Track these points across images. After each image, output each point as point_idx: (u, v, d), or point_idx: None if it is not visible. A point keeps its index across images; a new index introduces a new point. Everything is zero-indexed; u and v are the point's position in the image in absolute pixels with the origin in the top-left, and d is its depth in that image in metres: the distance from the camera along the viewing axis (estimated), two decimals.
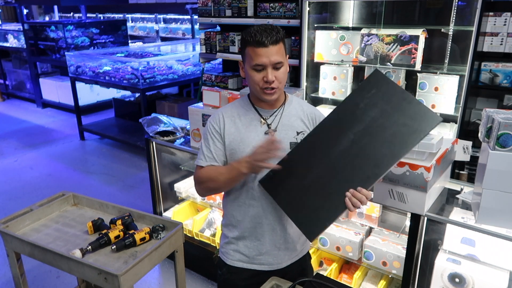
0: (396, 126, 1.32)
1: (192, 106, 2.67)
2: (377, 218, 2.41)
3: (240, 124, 1.52)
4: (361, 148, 1.35)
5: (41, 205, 2.18)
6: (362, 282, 2.46)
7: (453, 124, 2.74)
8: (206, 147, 1.55)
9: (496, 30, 2.49)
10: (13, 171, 4.95)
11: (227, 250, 1.64)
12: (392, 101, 1.35)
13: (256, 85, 1.43)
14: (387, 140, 1.32)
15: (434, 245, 2.08)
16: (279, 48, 1.40)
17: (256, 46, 1.37)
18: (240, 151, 1.49)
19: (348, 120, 1.39)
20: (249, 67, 1.43)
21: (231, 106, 1.58)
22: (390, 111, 1.34)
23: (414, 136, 1.30)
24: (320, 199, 1.39)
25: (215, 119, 1.55)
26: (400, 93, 1.36)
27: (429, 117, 1.31)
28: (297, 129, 1.52)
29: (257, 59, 1.38)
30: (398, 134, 1.31)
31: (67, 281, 2.93)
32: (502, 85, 2.59)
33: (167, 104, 5.58)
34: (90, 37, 7.29)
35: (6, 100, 8.69)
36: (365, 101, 1.38)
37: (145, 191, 4.17)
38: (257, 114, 1.53)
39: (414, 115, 1.31)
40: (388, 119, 1.33)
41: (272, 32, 1.38)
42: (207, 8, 3.66)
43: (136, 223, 2.03)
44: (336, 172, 1.38)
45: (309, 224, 1.41)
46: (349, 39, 2.99)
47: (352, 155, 1.36)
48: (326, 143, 1.41)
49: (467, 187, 2.05)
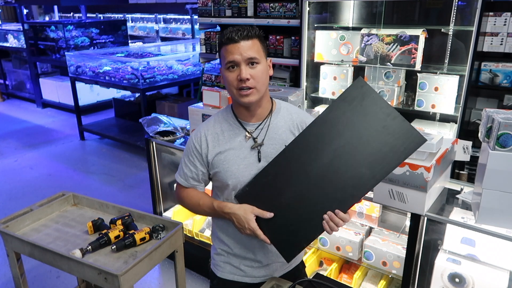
0: (378, 144, 1.23)
1: (192, 106, 2.67)
2: (377, 218, 2.41)
3: (224, 141, 1.41)
4: (341, 166, 1.26)
5: (41, 205, 2.18)
6: (362, 282, 2.46)
7: (453, 124, 2.74)
8: (186, 165, 1.48)
9: (496, 30, 2.49)
10: (13, 171, 4.95)
11: (218, 262, 1.58)
12: (376, 116, 1.24)
13: (231, 87, 1.33)
14: (368, 159, 1.24)
15: (434, 245, 2.08)
16: (253, 44, 1.30)
17: (227, 43, 1.30)
18: (224, 170, 1.40)
19: (329, 134, 1.28)
20: (224, 69, 1.34)
21: (213, 121, 1.46)
22: (372, 127, 1.24)
23: (396, 156, 1.22)
24: (297, 219, 1.32)
25: (197, 138, 1.44)
26: (384, 108, 1.24)
27: (413, 137, 1.21)
28: (285, 142, 1.38)
29: (228, 56, 1.30)
30: (380, 154, 1.23)
31: (67, 281, 2.93)
32: (502, 85, 2.59)
33: (167, 104, 5.58)
34: (90, 37, 7.29)
35: (6, 100, 8.69)
36: (347, 114, 1.27)
37: (145, 191, 4.17)
38: (242, 128, 1.41)
39: (398, 133, 1.22)
40: (370, 136, 1.24)
41: (244, 29, 1.30)
42: (207, 8, 3.66)
43: (136, 223, 2.03)
44: (314, 191, 1.30)
45: (286, 244, 1.36)
46: (349, 39, 3.00)
47: (331, 173, 1.28)
48: (305, 158, 1.30)
49: (467, 187, 2.05)
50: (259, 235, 1.35)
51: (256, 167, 1.39)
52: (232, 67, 1.31)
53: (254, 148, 1.40)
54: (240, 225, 1.37)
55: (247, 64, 1.30)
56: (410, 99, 2.93)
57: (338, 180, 1.27)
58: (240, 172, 1.39)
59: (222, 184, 1.44)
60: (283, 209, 1.34)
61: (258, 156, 1.39)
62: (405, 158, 1.23)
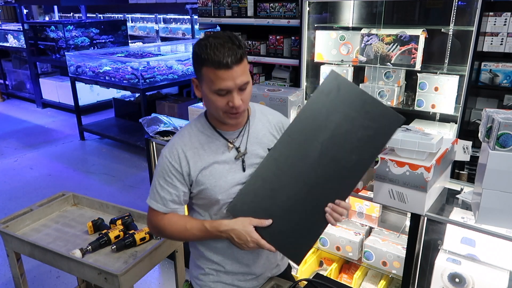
0: (361, 130, 1.26)
1: (192, 106, 2.67)
2: (377, 218, 2.41)
3: (205, 155, 1.30)
4: (331, 158, 1.28)
5: (41, 205, 2.18)
6: (362, 282, 2.46)
7: (453, 124, 2.74)
8: (162, 188, 1.31)
9: (496, 30, 2.49)
10: (13, 171, 4.95)
11: (206, 283, 1.44)
12: (354, 103, 1.28)
13: (219, 110, 1.22)
14: (355, 146, 1.26)
15: (434, 245, 2.08)
16: (244, 66, 1.18)
17: (217, 68, 1.14)
18: (212, 185, 1.29)
19: (313, 129, 1.29)
20: (209, 91, 1.20)
21: (189, 135, 1.32)
22: (353, 115, 1.27)
23: (381, 138, 1.27)
24: (298, 219, 1.30)
25: (174, 156, 1.29)
26: (360, 94, 1.29)
27: (391, 118, 1.26)
28: (268, 145, 1.35)
29: (220, 84, 1.16)
30: (365, 139, 1.26)
31: (67, 281, 2.93)
32: (502, 85, 2.59)
33: (167, 104, 5.58)
34: (90, 37, 7.29)
35: (6, 100, 8.68)
36: (327, 106, 1.29)
37: (145, 191, 4.17)
38: (222, 139, 1.32)
39: (377, 117, 1.26)
40: (353, 124, 1.27)
41: (234, 47, 1.14)
42: (207, 8, 3.66)
43: (136, 223, 2.03)
44: (310, 188, 1.29)
45: (293, 247, 1.32)
46: (349, 39, 2.99)
47: (322, 167, 1.28)
48: (294, 157, 1.30)
49: (467, 187, 2.05)
50: (263, 245, 1.27)
51: (243, 177, 1.32)
52: (222, 94, 1.19)
53: (238, 158, 1.32)
54: (241, 240, 1.27)
55: (239, 90, 1.19)
56: (410, 99, 2.93)
57: (331, 171, 1.28)
58: (228, 185, 1.30)
59: (209, 201, 1.33)
60: (281, 212, 1.30)
61: (242, 166, 1.32)
62: (389, 138, 1.28)
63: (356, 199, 2.42)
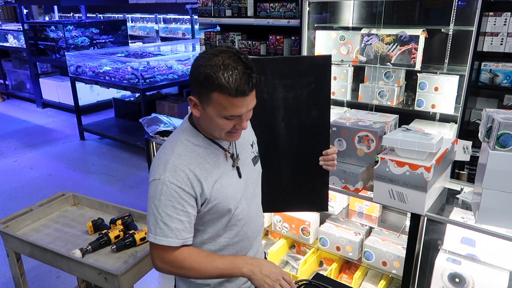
0: (304, 88, 1.38)
1: None
2: (377, 218, 2.41)
3: (211, 168, 1.21)
4: (297, 126, 1.44)
5: (41, 205, 2.18)
6: (362, 282, 2.46)
7: (453, 124, 2.74)
8: (172, 219, 1.14)
9: (496, 30, 2.49)
10: (13, 171, 4.95)
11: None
12: (283, 73, 1.37)
13: (222, 132, 1.16)
14: (309, 103, 1.40)
15: (434, 245, 2.08)
16: (255, 92, 1.12)
17: (233, 96, 1.05)
18: (224, 197, 1.23)
19: (266, 114, 1.43)
20: (217, 115, 1.11)
21: (187, 151, 1.19)
22: (289, 82, 1.38)
23: (323, 83, 1.37)
24: (306, 182, 1.52)
25: (181, 178, 1.15)
26: (282, 62, 1.40)
27: (319, 60, 1.37)
28: (249, 142, 1.37)
29: (233, 111, 1.09)
30: (312, 93, 1.38)
31: (67, 281, 2.93)
32: (502, 85, 2.59)
33: (167, 104, 5.58)
34: (90, 37, 7.29)
35: (6, 100, 8.69)
36: (265, 90, 1.40)
37: (145, 191, 4.16)
38: (219, 148, 1.25)
39: (308, 69, 1.36)
40: (294, 88, 1.38)
41: (247, 72, 1.06)
42: (207, 8, 3.66)
43: (136, 223, 2.03)
44: (299, 157, 1.49)
45: (315, 202, 1.56)
46: (349, 39, 2.99)
47: (296, 136, 1.46)
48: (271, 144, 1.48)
49: (467, 187, 2.05)
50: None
51: (242, 181, 1.30)
52: (231, 119, 1.12)
53: (235, 166, 1.29)
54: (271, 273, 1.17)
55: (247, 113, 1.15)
56: (410, 99, 2.93)
57: (304, 134, 1.45)
58: (236, 193, 1.27)
59: (220, 214, 1.25)
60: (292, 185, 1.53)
61: (238, 172, 1.30)
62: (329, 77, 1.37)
63: (356, 199, 2.42)
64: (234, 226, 1.31)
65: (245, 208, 1.32)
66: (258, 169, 1.40)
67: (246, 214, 1.33)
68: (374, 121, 2.02)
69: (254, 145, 1.40)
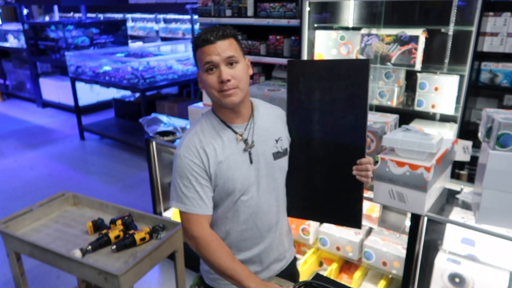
0: (341, 92, 1.34)
1: (192, 106, 2.67)
2: (377, 218, 2.41)
3: (220, 149, 1.34)
4: (332, 131, 1.39)
5: (41, 205, 2.18)
6: (362, 282, 2.46)
7: (453, 124, 2.74)
8: (187, 188, 1.31)
9: (496, 30, 2.49)
10: (13, 171, 4.95)
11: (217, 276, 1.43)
12: (322, 75, 1.37)
13: (212, 89, 1.29)
14: (345, 107, 1.35)
15: (434, 245, 2.08)
16: (230, 44, 1.27)
17: (203, 45, 1.26)
18: (229, 178, 1.34)
19: (304, 117, 1.42)
20: (202, 72, 1.29)
21: (201, 131, 1.36)
22: (327, 85, 1.36)
23: (360, 89, 1.32)
24: (338, 194, 1.43)
25: (193, 154, 1.31)
26: (323, 65, 1.40)
27: (358, 65, 1.32)
28: (274, 137, 1.42)
29: (205, 57, 1.26)
30: (349, 97, 1.34)
31: (67, 281, 2.93)
32: (502, 85, 2.59)
33: (167, 104, 5.58)
34: (90, 37, 7.29)
35: (6, 100, 8.69)
36: (303, 92, 1.40)
37: (145, 191, 4.17)
38: (232, 132, 1.37)
39: (346, 73, 1.33)
40: (332, 92, 1.36)
41: (219, 29, 1.27)
42: (207, 8, 3.66)
43: (136, 223, 2.03)
44: (332, 163, 1.41)
45: (348, 217, 1.45)
46: (349, 39, 2.99)
47: (330, 141, 1.40)
48: (306, 146, 1.44)
49: (467, 187, 2.05)
50: None
51: (254, 168, 1.37)
52: (211, 69, 1.27)
53: (246, 150, 1.37)
54: None
55: (226, 64, 1.27)
56: (410, 99, 2.93)
57: (339, 141, 1.38)
58: (244, 177, 1.35)
59: (226, 193, 1.35)
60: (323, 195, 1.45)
61: (250, 158, 1.37)
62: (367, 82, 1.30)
63: None
64: (240, 213, 1.38)
65: (255, 197, 1.38)
66: (280, 165, 1.43)
67: (255, 203, 1.39)
68: (374, 121, 2.02)
69: (281, 141, 1.43)
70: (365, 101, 1.32)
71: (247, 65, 1.35)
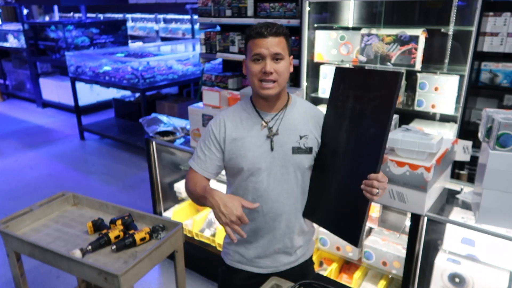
0: (370, 103, 1.33)
1: (192, 106, 2.67)
2: (377, 218, 2.41)
3: (242, 128, 1.49)
4: (355, 140, 1.37)
5: (41, 205, 2.18)
6: (362, 282, 2.46)
7: (453, 124, 2.74)
8: (201, 149, 1.53)
9: (496, 30, 2.49)
10: (13, 171, 4.95)
11: (228, 251, 1.64)
12: (358, 84, 1.38)
13: (254, 77, 1.41)
14: (369, 119, 1.33)
15: (434, 245, 2.08)
16: (279, 41, 1.39)
17: (256, 37, 1.38)
18: (241, 156, 1.47)
19: (336, 122, 1.45)
20: (249, 60, 1.42)
21: (233, 110, 1.55)
22: (360, 94, 1.36)
23: (387, 101, 1.27)
24: (346, 205, 1.40)
25: (216, 124, 1.51)
26: (361, 74, 1.41)
27: (390, 77, 1.28)
28: (300, 133, 1.48)
29: (255, 49, 1.38)
30: (375, 108, 1.32)
31: (67, 281, 2.93)
32: (502, 85, 2.59)
33: (167, 104, 5.58)
34: (90, 37, 7.29)
35: (6, 100, 8.69)
36: (340, 99, 1.43)
37: (145, 191, 4.17)
38: (259, 117, 1.49)
39: (378, 84, 1.31)
40: (362, 101, 1.35)
41: (274, 26, 1.39)
42: (207, 8, 3.66)
43: (136, 223, 2.03)
44: (348, 173, 1.39)
45: (347, 230, 1.40)
46: (349, 39, 2.99)
47: (350, 152, 1.39)
48: (331, 152, 1.46)
49: (467, 187, 2.05)
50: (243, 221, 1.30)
51: (270, 155, 1.46)
52: (257, 60, 1.39)
53: (269, 137, 1.46)
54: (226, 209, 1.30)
55: (272, 59, 1.38)
56: (410, 99, 2.93)
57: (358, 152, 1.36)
58: (255, 159, 1.45)
59: (237, 170, 1.49)
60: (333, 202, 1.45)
61: (271, 145, 1.46)
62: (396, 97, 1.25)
63: None
64: (249, 192, 1.49)
65: (265, 181, 1.47)
66: (297, 160, 1.47)
67: (264, 188, 1.48)
68: None
69: (305, 139, 1.48)
70: (389, 114, 1.26)
71: (290, 63, 1.45)
